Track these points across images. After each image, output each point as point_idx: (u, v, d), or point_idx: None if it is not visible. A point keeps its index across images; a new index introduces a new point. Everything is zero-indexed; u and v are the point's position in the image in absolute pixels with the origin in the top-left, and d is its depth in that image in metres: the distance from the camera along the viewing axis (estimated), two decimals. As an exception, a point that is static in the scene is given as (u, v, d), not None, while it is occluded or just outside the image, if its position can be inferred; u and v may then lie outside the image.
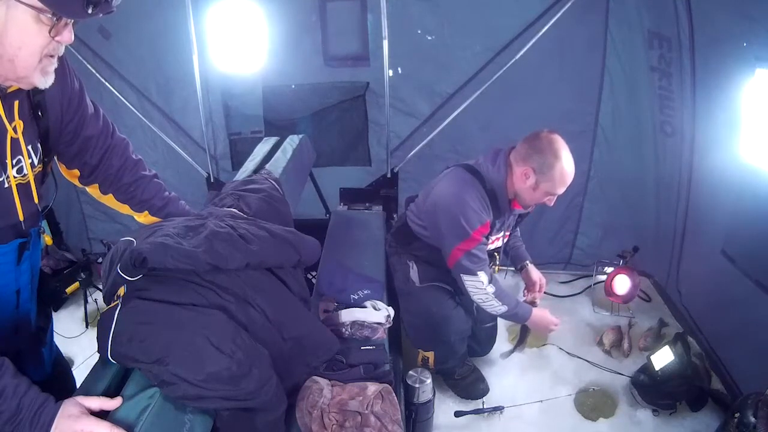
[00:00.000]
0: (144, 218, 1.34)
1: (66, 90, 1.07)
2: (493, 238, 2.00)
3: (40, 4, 0.80)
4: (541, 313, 2.02)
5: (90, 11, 0.82)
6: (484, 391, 2.18)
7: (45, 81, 0.91)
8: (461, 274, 1.87)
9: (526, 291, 2.17)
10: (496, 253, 2.10)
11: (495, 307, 1.91)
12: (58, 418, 0.86)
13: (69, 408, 0.88)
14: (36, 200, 1.05)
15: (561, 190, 1.80)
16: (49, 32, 0.84)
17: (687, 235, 2.55)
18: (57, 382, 1.29)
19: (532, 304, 2.09)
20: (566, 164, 1.74)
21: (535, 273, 2.15)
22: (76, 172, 1.22)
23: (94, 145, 1.19)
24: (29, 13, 0.81)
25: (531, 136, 1.79)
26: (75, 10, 0.82)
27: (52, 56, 0.89)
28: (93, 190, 1.28)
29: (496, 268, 2.15)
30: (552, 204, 1.87)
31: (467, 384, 2.18)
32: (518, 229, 2.24)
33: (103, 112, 1.21)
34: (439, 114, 2.79)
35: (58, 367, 1.35)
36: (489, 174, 1.85)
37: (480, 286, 1.86)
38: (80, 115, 1.13)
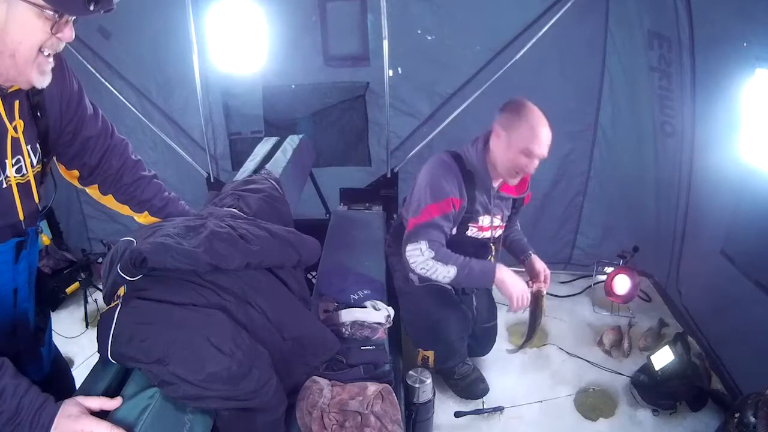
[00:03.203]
0: (144, 219, 1.34)
1: (65, 91, 1.08)
2: (482, 222, 1.94)
3: (41, 2, 0.81)
4: (510, 272, 1.84)
5: (92, 8, 0.83)
6: (484, 391, 2.18)
7: (42, 80, 0.91)
8: (406, 245, 1.84)
9: (531, 282, 2.07)
10: (492, 245, 2.05)
11: (440, 272, 1.79)
12: (58, 418, 0.86)
13: (69, 408, 0.88)
14: (36, 200, 1.05)
15: (537, 148, 1.73)
16: (51, 29, 0.85)
17: (687, 235, 2.55)
18: (56, 381, 1.29)
19: (539, 293, 2.00)
20: (536, 118, 1.72)
21: (539, 263, 2.06)
22: (76, 172, 1.22)
23: (93, 145, 1.19)
24: (31, 9, 0.82)
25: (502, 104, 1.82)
26: (76, 7, 0.83)
27: (49, 55, 0.90)
28: (93, 191, 1.28)
29: (491, 258, 2.09)
30: (531, 168, 1.78)
31: (467, 384, 2.18)
32: (518, 223, 2.22)
33: (102, 113, 1.21)
34: (439, 114, 2.79)
35: (57, 366, 1.35)
36: (468, 154, 1.87)
37: (418, 253, 1.80)
38: (79, 115, 1.13)
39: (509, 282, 1.84)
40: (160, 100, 2.94)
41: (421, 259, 1.81)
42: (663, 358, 2.08)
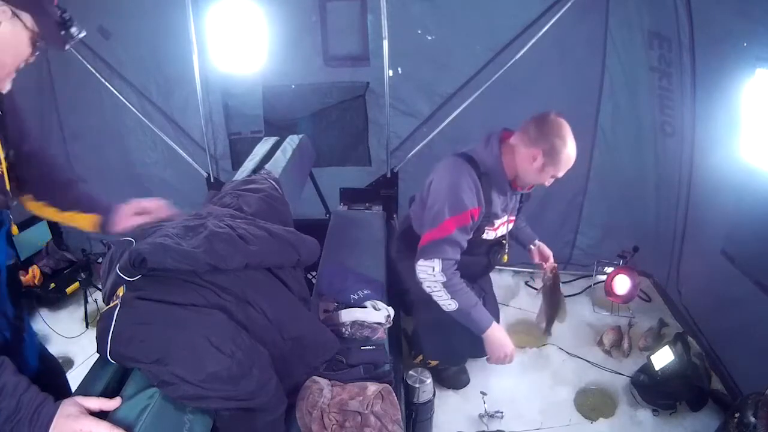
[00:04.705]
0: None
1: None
2: (498, 223, 1.95)
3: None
4: (501, 333, 1.93)
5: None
6: (465, 381, 2.21)
7: (8, 87, 1.02)
8: (419, 259, 1.84)
9: (544, 264, 2.15)
10: (503, 241, 2.05)
11: (444, 300, 1.84)
12: (57, 418, 0.86)
13: (68, 408, 0.88)
14: (8, 188, 1.08)
15: (562, 174, 1.81)
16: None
17: (687, 235, 2.55)
18: (46, 379, 1.28)
19: (555, 270, 2.11)
20: (571, 150, 1.76)
21: (547, 249, 2.17)
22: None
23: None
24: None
25: (539, 119, 1.78)
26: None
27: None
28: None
29: (505, 257, 2.10)
30: (548, 185, 1.87)
31: (450, 375, 2.21)
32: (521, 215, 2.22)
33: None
34: (439, 114, 2.79)
35: (47, 364, 1.34)
36: (482, 156, 1.85)
37: (429, 272, 1.81)
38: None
39: (498, 342, 1.92)
40: (160, 100, 2.93)
41: (431, 279, 1.83)
42: (663, 358, 2.08)
